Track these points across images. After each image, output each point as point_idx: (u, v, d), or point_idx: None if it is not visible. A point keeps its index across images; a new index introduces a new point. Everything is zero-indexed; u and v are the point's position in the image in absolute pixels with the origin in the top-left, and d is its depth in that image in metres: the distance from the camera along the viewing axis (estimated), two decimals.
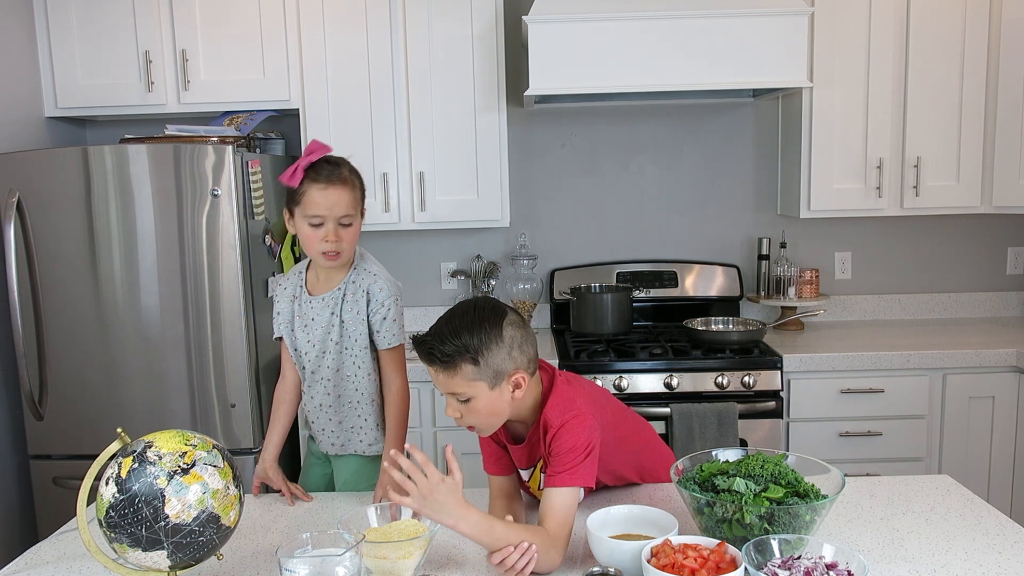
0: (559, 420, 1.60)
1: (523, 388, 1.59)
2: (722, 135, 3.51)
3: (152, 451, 1.38)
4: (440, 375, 1.56)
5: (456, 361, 1.52)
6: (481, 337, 1.53)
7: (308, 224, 1.88)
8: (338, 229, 1.89)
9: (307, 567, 1.34)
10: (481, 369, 1.53)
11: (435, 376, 1.58)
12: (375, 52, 3.11)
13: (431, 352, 1.54)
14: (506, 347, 1.55)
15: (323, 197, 1.86)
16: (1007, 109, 3.09)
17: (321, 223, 1.87)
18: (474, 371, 1.53)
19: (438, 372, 1.55)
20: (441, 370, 1.54)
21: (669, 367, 2.94)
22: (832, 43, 3.10)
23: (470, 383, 1.54)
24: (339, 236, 1.89)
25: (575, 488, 1.56)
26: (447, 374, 1.54)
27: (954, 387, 2.98)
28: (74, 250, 2.78)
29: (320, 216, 1.87)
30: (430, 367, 1.57)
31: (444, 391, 1.58)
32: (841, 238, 3.55)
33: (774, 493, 1.47)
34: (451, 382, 1.55)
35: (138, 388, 2.82)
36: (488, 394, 1.56)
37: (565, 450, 1.57)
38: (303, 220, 1.89)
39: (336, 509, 1.85)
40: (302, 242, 1.93)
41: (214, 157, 2.73)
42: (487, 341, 1.53)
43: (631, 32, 2.84)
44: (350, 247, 1.94)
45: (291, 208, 1.92)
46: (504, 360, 1.55)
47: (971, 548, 1.55)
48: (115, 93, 3.13)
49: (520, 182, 3.51)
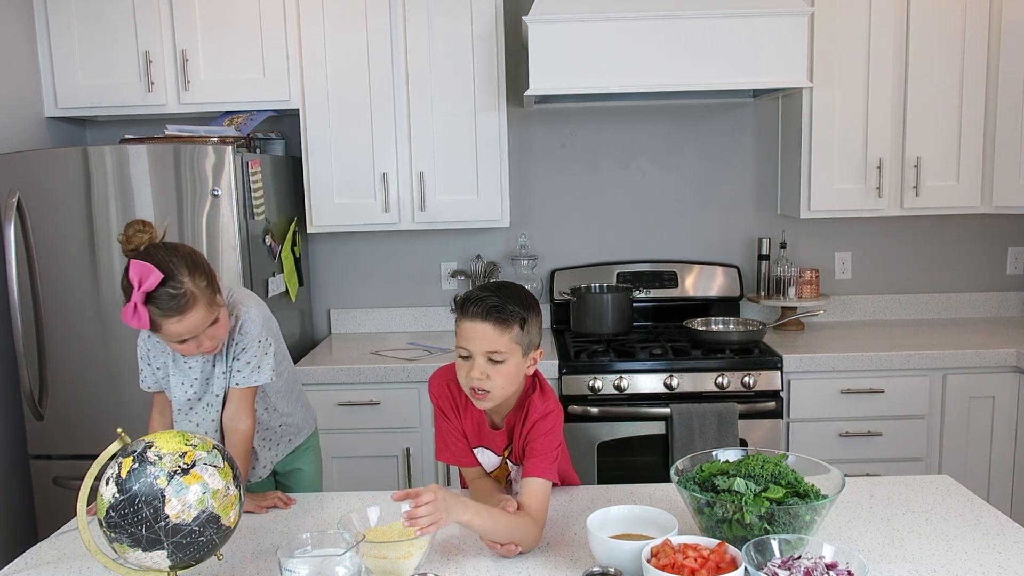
0: (544, 408, 1.73)
1: (535, 365, 1.73)
2: (722, 135, 3.51)
3: (152, 451, 1.38)
4: (490, 331, 1.64)
5: (511, 320, 1.65)
6: (529, 307, 1.70)
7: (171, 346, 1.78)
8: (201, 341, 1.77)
9: (307, 567, 1.34)
10: (523, 335, 1.67)
11: (481, 332, 1.65)
12: (375, 52, 3.11)
13: (493, 307, 1.64)
14: (539, 323, 1.73)
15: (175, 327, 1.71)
16: (1007, 109, 3.09)
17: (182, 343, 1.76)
18: (519, 335, 1.66)
19: (492, 326, 1.64)
20: (496, 325, 1.64)
21: (669, 367, 2.94)
22: (832, 43, 3.10)
23: (513, 344, 1.66)
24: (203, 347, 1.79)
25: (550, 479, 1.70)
26: (499, 330, 1.64)
27: (954, 387, 2.98)
28: (74, 250, 2.78)
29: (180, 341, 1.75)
30: (481, 323, 1.64)
31: (484, 349, 1.65)
32: (841, 238, 3.55)
33: (774, 493, 1.47)
34: (499, 339, 1.64)
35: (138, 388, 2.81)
36: (519, 361, 1.68)
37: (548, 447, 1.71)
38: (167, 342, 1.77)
39: (336, 509, 1.85)
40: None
41: (214, 157, 2.73)
42: (532, 313, 1.70)
43: (631, 32, 2.84)
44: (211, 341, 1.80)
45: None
46: (536, 334, 1.72)
47: (971, 548, 1.55)
48: (115, 93, 3.13)
49: (520, 182, 3.51)
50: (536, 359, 1.73)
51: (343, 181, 3.16)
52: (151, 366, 1.97)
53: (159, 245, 1.73)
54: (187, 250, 1.76)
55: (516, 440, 1.78)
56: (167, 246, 1.74)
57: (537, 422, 1.73)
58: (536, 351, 1.73)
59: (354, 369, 2.95)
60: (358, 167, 3.17)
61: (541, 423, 1.73)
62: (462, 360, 1.70)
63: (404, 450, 3.00)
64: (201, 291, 1.72)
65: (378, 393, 2.97)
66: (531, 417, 1.74)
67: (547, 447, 1.71)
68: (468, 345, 1.67)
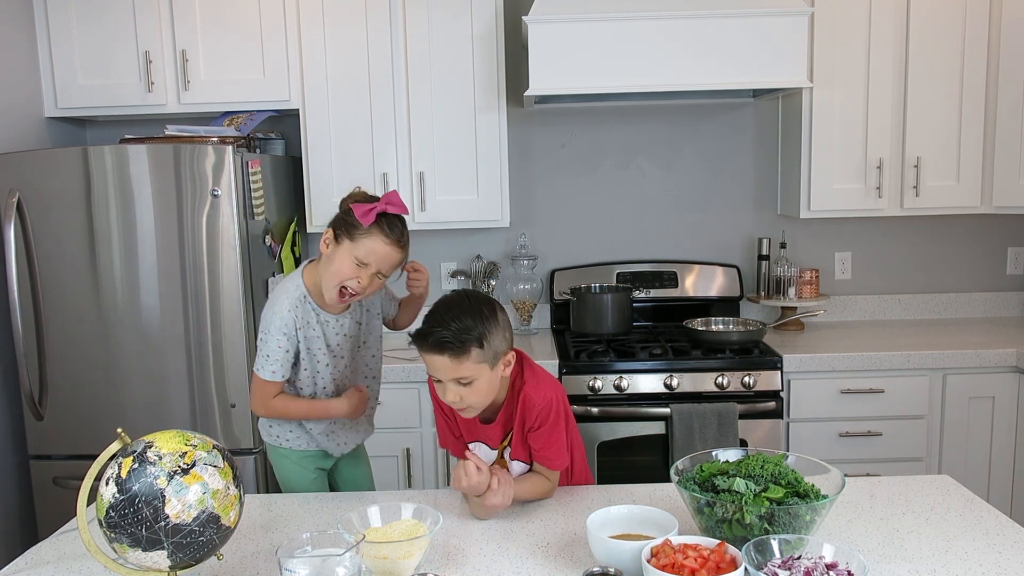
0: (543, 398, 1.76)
1: (510, 366, 1.75)
2: (722, 135, 3.51)
3: (152, 451, 1.38)
4: (449, 362, 1.65)
5: (466, 346, 1.64)
6: (483, 322, 1.67)
7: (354, 262, 1.87)
8: (373, 278, 1.89)
9: (307, 567, 1.34)
10: (485, 351, 1.67)
11: (440, 364, 1.66)
12: (375, 52, 3.11)
13: (442, 340, 1.64)
14: (501, 329, 1.72)
15: (383, 250, 1.87)
16: (1007, 109, 3.09)
17: (365, 265, 1.87)
18: (480, 354, 1.66)
19: (449, 359, 1.65)
20: (452, 356, 1.65)
21: (669, 367, 2.93)
22: (832, 43, 3.10)
23: (476, 366, 1.67)
24: (367, 288, 1.90)
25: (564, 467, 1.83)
26: (457, 360, 1.65)
27: (954, 387, 2.98)
28: (74, 250, 2.78)
29: (367, 264, 1.87)
30: (438, 355, 1.65)
31: (449, 377, 1.67)
32: (841, 238, 3.55)
33: (774, 493, 1.47)
34: (460, 367, 1.66)
35: (138, 388, 2.82)
36: (489, 374, 1.70)
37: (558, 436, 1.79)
38: (350, 255, 1.87)
39: (336, 509, 1.85)
40: (332, 271, 1.88)
41: (214, 157, 2.73)
42: (488, 325, 1.68)
43: (631, 32, 2.84)
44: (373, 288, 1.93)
45: (340, 235, 1.88)
46: (500, 341, 1.71)
47: (971, 548, 1.55)
48: (115, 93, 3.13)
49: (520, 182, 3.51)
50: (509, 361, 1.74)
51: (343, 181, 3.16)
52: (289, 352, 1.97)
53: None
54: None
55: (516, 432, 1.80)
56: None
57: (540, 414, 1.76)
58: (506, 356, 1.72)
59: None
60: (358, 167, 3.17)
61: (543, 414, 1.76)
62: (436, 382, 1.72)
63: (404, 450, 3.00)
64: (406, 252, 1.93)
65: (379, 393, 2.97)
66: (532, 411, 1.76)
67: (557, 437, 1.79)
68: (434, 374, 1.70)
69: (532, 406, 1.76)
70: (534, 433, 1.79)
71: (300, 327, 1.94)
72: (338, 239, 1.89)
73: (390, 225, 1.87)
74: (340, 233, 1.88)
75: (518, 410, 1.78)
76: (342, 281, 1.88)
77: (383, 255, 1.87)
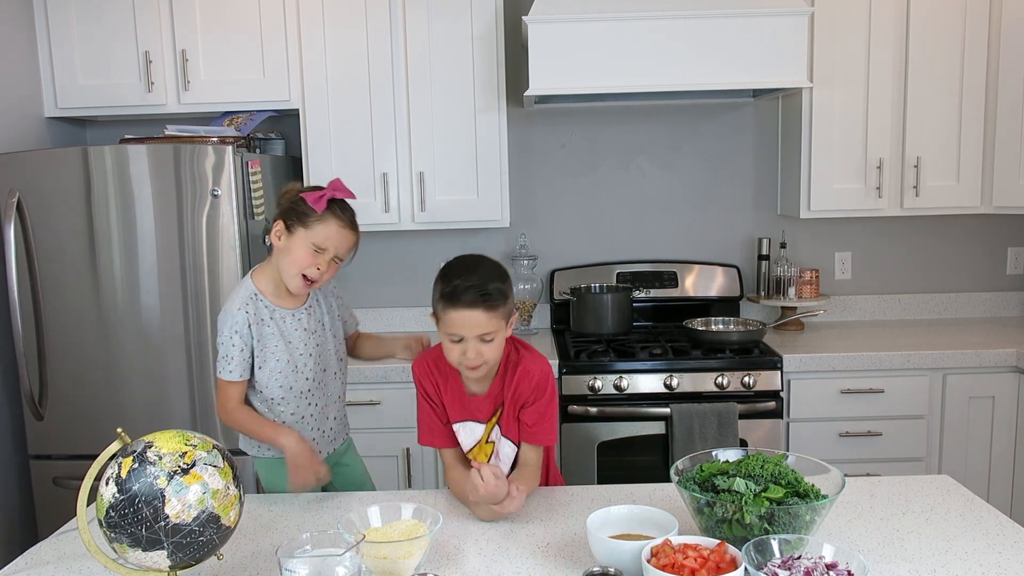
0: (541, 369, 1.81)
1: (513, 326, 1.79)
2: (722, 135, 3.51)
3: (152, 451, 1.38)
4: (483, 315, 1.69)
5: (499, 300, 1.70)
6: (505, 278, 1.75)
7: (311, 248, 1.91)
8: (332, 263, 1.95)
9: (307, 567, 1.34)
10: (506, 307, 1.74)
11: (472, 320, 1.69)
12: (375, 52, 3.11)
13: (482, 293, 1.68)
14: (512, 288, 1.79)
15: (338, 234, 1.93)
16: (1007, 109, 3.09)
17: (321, 250, 1.92)
18: (503, 310, 1.73)
19: (483, 312, 1.68)
20: (487, 309, 1.69)
21: (669, 367, 2.93)
22: (832, 43, 3.10)
23: (501, 320, 1.72)
24: (325, 273, 1.95)
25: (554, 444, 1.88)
26: (491, 312, 1.69)
27: (954, 387, 2.98)
28: (74, 250, 2.78)
29: (323, 248, 1.92)
30: (473, 311, 1.68)
31: (476, 333, 1.70)
32: (841, 238, 3.55)
33: (774, 493, 1.47)
34: (490, 321, 1.69)
35: (138, 388, 2.82)
36: (505, 330, 1.75)
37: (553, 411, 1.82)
38: (306, 242, 1.91)
39: (336, 509, 1.85)
40: (290, 260, 1.92)
41: (214, 157, 2.73)
42: (508, 282, 1.76)
43: (631, 32, 2.84)
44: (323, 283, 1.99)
45: (292, 224, 1.92)
46: (512, 300, 1.78)
47: (971, 548, 1.55)
48: (115, 93, 3.13)
49: (520, 182, 3.51)
50: (514, 322, 1.79)
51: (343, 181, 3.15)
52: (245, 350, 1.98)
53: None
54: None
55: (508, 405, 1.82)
56: None
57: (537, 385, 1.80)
58: (513, 315, 1.79)
59: (354, 369, 2.94)
60: (358, 167, 3.16)
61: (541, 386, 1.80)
62: (452, 344, 1.73)
63: (404, 450, 3.00)
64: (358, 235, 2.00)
65: (378, 393, 2.97)
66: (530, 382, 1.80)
67: (552, 413, 1.83)
68: (460, 331, 1.71)
69: (531, 376, 1.80)
70: (529, 408, 1.81)
71: (253, 323, 1.96)
72: (290, 229, 1.93)
73: (342, 208, 1.95)
74: (292, 223, 1.93)
75: (514, 381, 1.81)
76: (302, 269, 1.92)
77: (339, 238, 1.93)
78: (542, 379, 1.81)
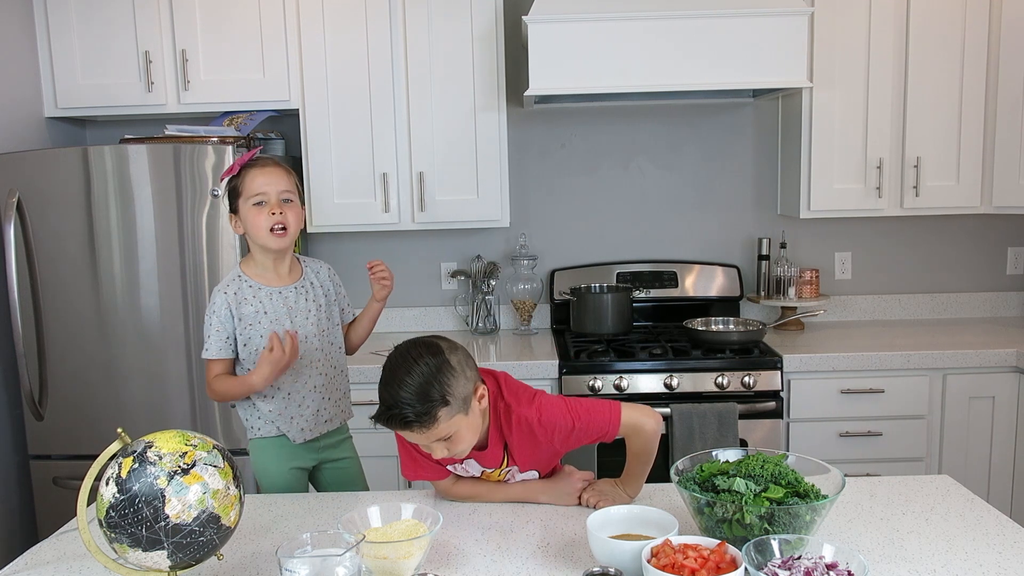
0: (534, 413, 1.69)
1: (485, 397, 1.66)
2: (722, 135, 3.51)
3: (152, 451, 1.38)
4: (420, 433, 1.58)
5: (432, 413, 1.55)
6: (438, 378, 1.56)
7: (253, 205, 1.99)
8: (281, 204, 2.00)
9: (307, 567, 1.34)
10: (453, 406, 1.58)
11: (414, 437, 1.61)
12: (375, 52, 3.11)
13: (406, 420, 1.56)
14: (460, 374, 1.60)
15: (262, 175, 2.00)
16: (1007, 109, 3.09)
17: (263, 201, 1.99)
18: (448, 411, 1.57)
19: (418, 432, 1.58)
20: (421, 429, 1.57)
21: (669, 367, 2.94)
22: (832, 43, 3.10)
23: (449, 423, 1.58)
24: (283, 210, 2.00)
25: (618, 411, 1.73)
26: (428, 429, 1.57)
27: (954, 387, 2.98)
28: (74, 250, 2.78)
29: (262, 193, 1.99)
30: (408, 432, 1.59)
31: (427, 443, 1.61)
32: (841, 238, 3.55)
33: (774, 493, 1.47)
34: (433, 432, 1.58)
35: (138, 388, 2.82)
36: (466, 420, 1.61)
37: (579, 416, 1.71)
38: (247, 205, 2.00)
39: (336, 509, 1.85)
40: (250, 230, 2.02)
41: (214, 157, 2.73)
42: (444, 378, 1.57)
43: (631, 32, 2.84)
44: (295, 226, 2.04)
45: (235, 205, 2.03)
46: (464, 385, 1.61)
47: (971, 548, 1.55)
48: (115, 93, 3.13)
49: (520, 182, 3.51)
50: (482, 395, 1.65)
51: (343, 181, 3.16)
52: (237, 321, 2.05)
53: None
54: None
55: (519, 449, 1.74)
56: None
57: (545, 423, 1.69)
58: (476, 392, 1.63)
59: (354, 369, 2.94)
60: (358, 167, 3.17)
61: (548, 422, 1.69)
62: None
63: None
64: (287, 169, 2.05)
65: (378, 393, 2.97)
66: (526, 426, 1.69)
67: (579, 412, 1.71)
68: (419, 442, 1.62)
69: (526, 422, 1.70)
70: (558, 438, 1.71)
71: (232, 304, 2.03)
72: (236, 210, 2.04)
73: (252, 160, 2.03)
74: (233, 203, 2.04)
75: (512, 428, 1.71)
76: (263, 225, 1.99)
77: (265, 178, 2.00)
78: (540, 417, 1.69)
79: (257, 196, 1.99)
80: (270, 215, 1.98)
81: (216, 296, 2.04)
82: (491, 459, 1.77)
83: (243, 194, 2.01)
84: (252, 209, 1.99)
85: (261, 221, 1.99)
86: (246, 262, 2.10)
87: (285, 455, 2.12)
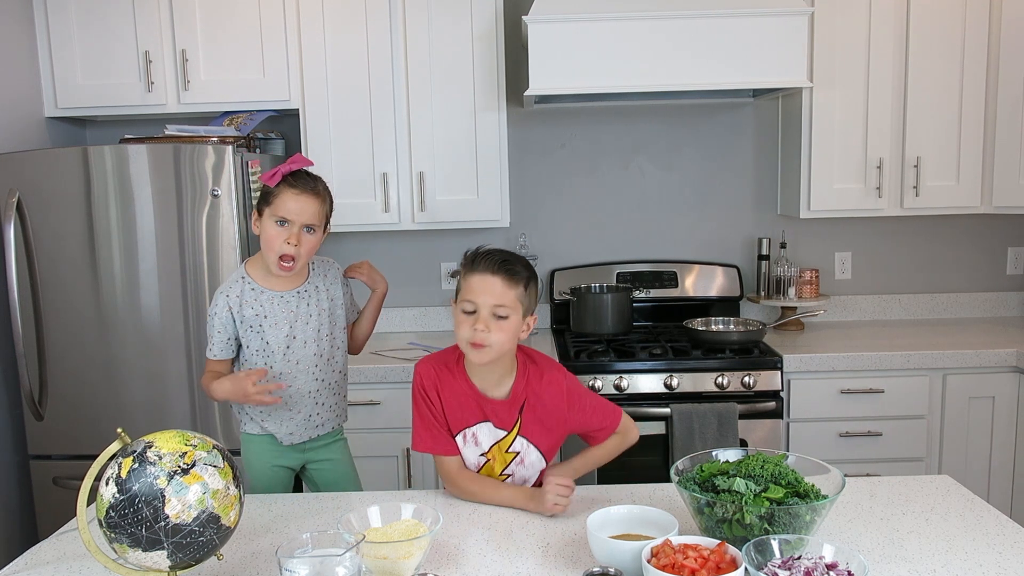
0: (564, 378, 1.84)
1: (530, 330, 1.80)
2: (722, 135, 3.51)
3: (152, 451, 1.38)
4: (499, 285, 1.71)
5: (519, 277, 1.74)
6: (532, 273, 1.79)
7: (275, 223, 1.98)
8: (301, 234, 1.99)
9: (307, 567, 1.34)
10: (527, 295, 1.76)
11: (490, 286, 1.71)
12: (375, 52, 3.11)
13: (504, 261, 1.73)
14: (537, 291, 1.81)
15: (294, 202, 1.98)
16: (1007, 109, 3.09)
17: (285, 223, 1.98)
18: (523, 294, 1.75)
19: (502, 280, 1.71)
20: (505, 279, 1.72)
21: (669, 367, 2.94)
22: (832, 43, 3.10)
23: (517, 302, 1.74)
24: (300, 240, 1.99)
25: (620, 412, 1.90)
26: (510, 284, 1.72)
27: (954, 387, 2.98)
28: (74, 250, 2.78)
29: (287, 219, 1.98)
30: (493, 276, 1.71)
31: (491, 303, 1.71)
32: (841, 238, 3.55)
33: (774, 493, 1.47)
34: (507, 293, 1.72)
35: (138, 388, 2.82)
36: (519, 320, 1.75)
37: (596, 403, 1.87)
38: (271, 219, 1.99)
39: (336, 509, 1.85)
40: (263, 242, 2.01)
41: (214, 157, 2.73)
42: (533, 278, 1.79)
43: (631, 32, 2.84)
44: (306, 256, 2.03)
45: (261, 208, 2.02)
46: (534, 301, 1.80)
47: (971, 548, 1.55)
48: (115, 93, 3.13)
49: (520, 182, 3.51)
50: (531, 324, 1.80)
51: (343, 181, 3.16)
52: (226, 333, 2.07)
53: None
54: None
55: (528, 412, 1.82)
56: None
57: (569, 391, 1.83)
58: (531, 316, 1.80)
59: (354, 369, 2.94)
60: (358, 167, 3.17)
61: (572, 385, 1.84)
62: (465, 315, 1.74)
63: (404, 450, 3.00)
64: (323, 198, 2.05)
65: (378, 393, 2.97)
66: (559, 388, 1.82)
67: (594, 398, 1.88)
68: (475, 298, 1.72)
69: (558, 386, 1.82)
70: (575, 414, 1.84)
71: (234, 306, 2.04)
72: (260, 212, 2.02)
73: (295, 176, 2.01)
74: (261, 206, 2.03)
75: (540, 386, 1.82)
76: (274, 247, 1.98)
77: (298, 207, 1.98)
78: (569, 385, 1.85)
79: (280, 217, 1.98)
80: (285, 243, 1.98)
81: (217, 298, 2.05)
82: (505, 417, 1.82)
83: (271, 205, 2.00)
84: (273, 226, 1.99)
85: (275, 244, 1.99)
86: (252, 262, 2.10)
87: (271, 453, 2.14)
